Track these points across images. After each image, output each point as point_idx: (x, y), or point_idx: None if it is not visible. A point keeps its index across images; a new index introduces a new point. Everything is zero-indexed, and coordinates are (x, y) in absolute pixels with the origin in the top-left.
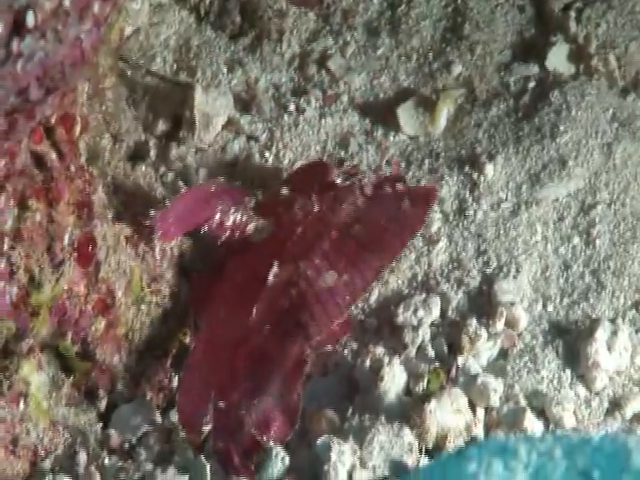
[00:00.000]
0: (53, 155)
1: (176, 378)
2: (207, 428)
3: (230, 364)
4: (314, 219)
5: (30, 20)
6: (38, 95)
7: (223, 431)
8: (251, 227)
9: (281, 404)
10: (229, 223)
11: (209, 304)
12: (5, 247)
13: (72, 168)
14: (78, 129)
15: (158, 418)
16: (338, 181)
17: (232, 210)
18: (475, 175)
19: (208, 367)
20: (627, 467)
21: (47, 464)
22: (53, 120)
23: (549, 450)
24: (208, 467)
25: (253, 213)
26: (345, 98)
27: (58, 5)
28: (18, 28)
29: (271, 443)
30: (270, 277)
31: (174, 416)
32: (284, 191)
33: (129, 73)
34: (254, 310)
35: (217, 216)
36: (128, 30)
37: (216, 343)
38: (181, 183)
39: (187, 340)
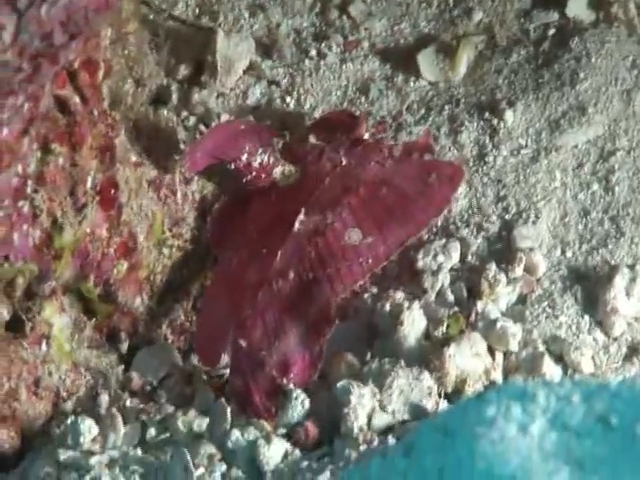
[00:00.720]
0: (76, 99)
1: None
2: (227, 371)
3: (251, 303)
4: (342, 172)
5: None
6: (62, 40)
7: (242, 370)
8: (278, 170)
9: (303, 351)
10: (256, 164)
11: (231, 241)
12: (28, 190)
13: (95, 112)
14: (101, 74)
15: (179, 361)
16: (366, 136)
17: (260, 151)
18: (495, 121)
19: (227, 303)
20: None
21: (69, 405)
22: (76, 64)
23: (567, 395)
24: (229, 409)
25: (280, 156)
26: (366, 44)
27: None
28: None
29: (290, 386)
30: (296, 224)
31: (195, 359)
32: (312, 138)
33: (151, 17)
34: (279, 254)
35: (244, 156)
36: None
37: (237, 281)
38: (203, 127)
39: (208, 283)
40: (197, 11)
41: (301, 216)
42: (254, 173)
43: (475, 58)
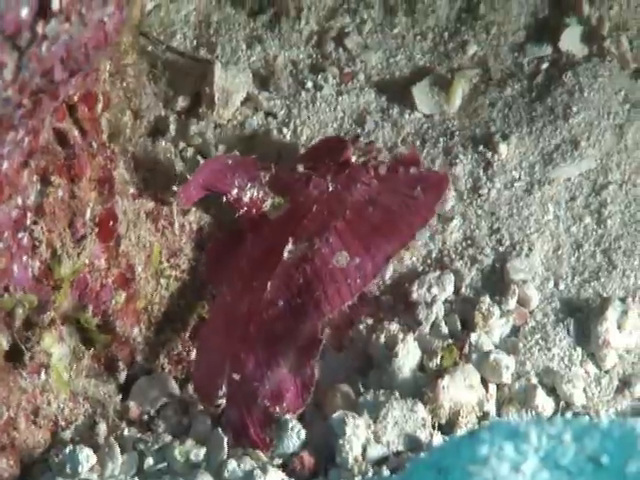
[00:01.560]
0: (75, 132)
1: (194, 351)
2: (223, 400)
3: (244, 335)
4: (329, 198)
5: (55, 3)
6: (62, 76)
7: (237, 402)
8: (268, 204)
9: (294, 377)
10: (246, 199)
11: (225, 276)
12: (28, 222)
13: (94, 145)
14: (100, 106)
15: (176, 390)
16: (354, 158)
17: (249, 186)
18: (489, 154)
19: (223, 339)
20: (635, 452)
21: (67, 434)
22: (76, 98)
23: (559, 434)
24: (225, 439)
25: (269, 189)
26: (362, 76)
27: None
28: (43, 11)
29: (284, 414)
30: (285, 253)
31: (192, 388)
32: (300, 168)
33: (149, 49)
34: (268, 285)
35: (235, 191)
36: (149, 6)
37: (231, 315)
38: (200, 158)
39: (205, 314)
40: (195, 43)
41: (289, 245)
42: (245, 208)
43: (469, 91)
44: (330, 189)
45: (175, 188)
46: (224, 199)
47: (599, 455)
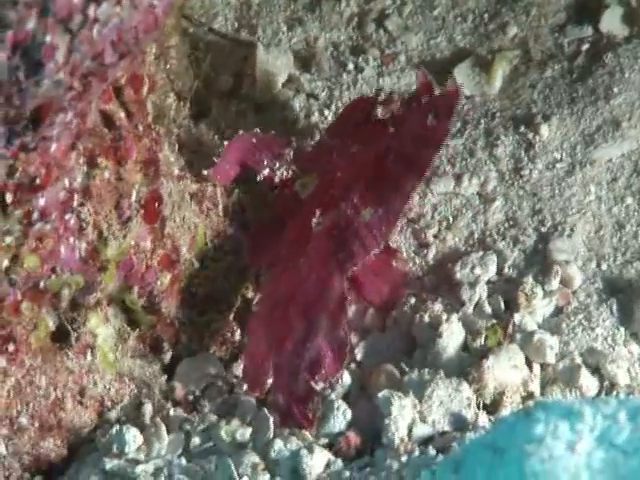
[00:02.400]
0: (122, 114)
1: (238, 332)
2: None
3: (284, 317)
4: (351, 161)
5: None
6: (112, 59)
7: (281, 384)
8: (297, 184)
9: (329, 343)
10: (277, 180)
11: (267, 262)
12: (75, 204)
13: (140, 127)
14: (146, 89)
15: (221, 371)
16: (378, 112)
17: (277, 166)
18: (530, 135)
19: (268, 325)
20: None
21: (114, 414)
22: (123, 80)
23: (614, 413)
24: (271, 420)
25: (296, 167)
26: (402, 58)
27: None
28: None
29: (325, 382)
30: (313, 226)
31: (237, 369)
32: (325, 138)
33: (192, 31)
34: (301, 262)
35: (266, 171)
36: None
37: (273, 300)
38: None
39: (249, 294)
40: (236, 25)
41: (315, 218)
42: (277, 189)
43: (510, 72)
44: (353, 151)
45: (205, 172)
46: (259, 177)
47: None
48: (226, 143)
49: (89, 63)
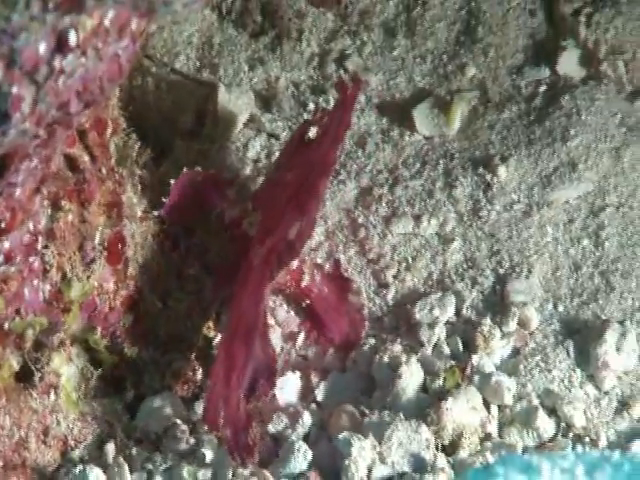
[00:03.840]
0: (86, 158)
1: (200, 371)
2: None
3: (230, 354)
4: (282, 188)
5: (72, 39)
6: (77, 108)
7: (228, 417)
8: (245, 222)
9: (259, 364)
10: (227, 221)
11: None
12: (39, 246)
13: (103, 170)
14: (109, 132)
15: (183, 410)
16: (311, 133)
17: (226, 208)
18: (488, 176)
19: (224, 363)
20: None
21: (77, 454)
22: (87, 125)
23: (571, 468)
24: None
25: (243, 207)
26: (362, 98)
27: (99, 24)
28: (61, 46)
29: (261, 399)
30: (253, 258)
31: (199, 408)
32: (270, 173)
33: (154, 71)
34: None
35: (214, 214)
36: (152, 27)
37: (226, 339)
38: None
39: (211, 334)
40: (198, 64)
41: (255, 249)
42: (229, 229)
43: (468, 113)
44: (288, 179)
45: (155, 212)
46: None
47: None
48: (172, 182)
49: (54, 113)
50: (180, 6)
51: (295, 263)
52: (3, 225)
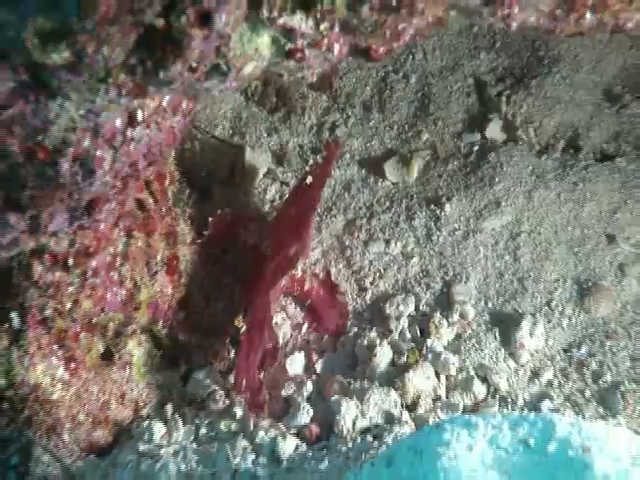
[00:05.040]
0: (150, 200)
1: (232, 352)
2: None
3: (251, 340)
4: (287, 221)
5: (139, 116)
6: (143, 166)
7: (247, 387)
8: (262, 247)
9: (268, 346)
10: (249, 246)
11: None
12: (117, 264)
13: (163, 209)
14: (167, 182)
15: (220, 380)
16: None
17: (249, 237)
18: (438, 211)
19: (248, 349)
20: (553, 437)
21: (145, 412)
22: (151, 177)
23: (499, 424)
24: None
25: (261, 235)
26: (347, 155)
27: (159, 105)
28: (131, 121)
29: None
30: (267, 272)
31: (231, 378)
32: (280, 210)
33: (199, 137)
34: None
35: (241, 241)
36: (198, 106)
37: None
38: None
39: (240, 325)
40: (230, 132)
41: (268, 265)
42: (251, 252)
43: (423, 166)
44: (290, 213)
45: (199, 240)
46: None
47: (528, 439)
48: (210, 219)
49: (127, 169)
50: (217, 92)
51: (299, 273)
52: (91, 250)
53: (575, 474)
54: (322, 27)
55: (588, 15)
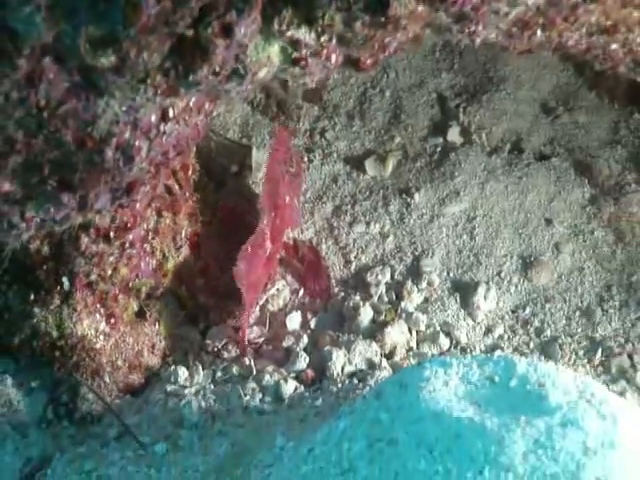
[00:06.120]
0: (176, 187)
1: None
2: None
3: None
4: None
5: (171, 112)
6: (173, 154)
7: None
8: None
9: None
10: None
11: None
12: (149, 238)
13: (186, 194)
14: (190, 171)
15: (234, 334)
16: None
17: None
18: (409, 199)
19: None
20: (514, 374)
21: (171, 359)
22: (177, 167)
23: (469, 363)
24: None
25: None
26: (335, 154)
27: (187, 105)
28: (164, 117)
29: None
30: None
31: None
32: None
33: (214, 138)
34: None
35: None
36: (217, 110)
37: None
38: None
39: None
40: (240, 135)
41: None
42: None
43: (397, 163)
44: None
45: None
46: None
47: (493, 376)
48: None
49: (159, 157)
50: (235, 94)
51: (292, 242)
52: (129, 225)
53: (532, 405)
54: (322, 39)
55: (539, 32)
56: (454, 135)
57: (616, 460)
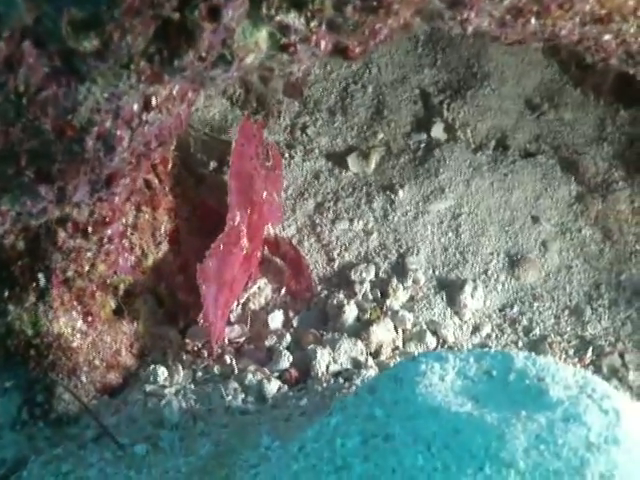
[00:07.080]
0: (156, 181)
1: None
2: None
3: None
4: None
5: (154, 101)
6: (155, 145)
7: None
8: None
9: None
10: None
11: None
12: (128, 233)
13: (166, 189)
14: (170, 166)
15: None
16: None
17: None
18: (393, 196)
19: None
20: (513, 369)
21: (150, 359)
22: (157, 160)
23: (466, 358)
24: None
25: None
26: (317, 151)
27: (170, 93)
28: (146, 106)
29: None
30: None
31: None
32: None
33: (193, 133)
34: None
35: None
36: (192, 108)
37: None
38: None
39: None
40: (219, 130)
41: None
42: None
43: (380, 160)
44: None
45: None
46: None
47: (491, 370)
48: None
49: (141, 148)
50: (220, 82)
51: (273, 237)
52: (107, 220)
53: (533, 399)
54: (312, 24)
55: (533, 20)
56: (438, 131)
57: (620, 456)
